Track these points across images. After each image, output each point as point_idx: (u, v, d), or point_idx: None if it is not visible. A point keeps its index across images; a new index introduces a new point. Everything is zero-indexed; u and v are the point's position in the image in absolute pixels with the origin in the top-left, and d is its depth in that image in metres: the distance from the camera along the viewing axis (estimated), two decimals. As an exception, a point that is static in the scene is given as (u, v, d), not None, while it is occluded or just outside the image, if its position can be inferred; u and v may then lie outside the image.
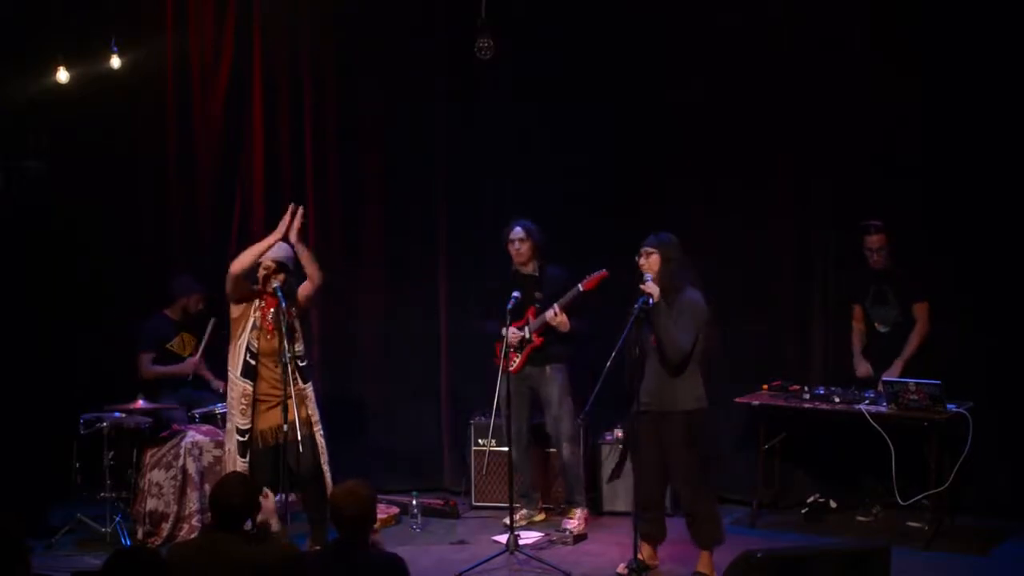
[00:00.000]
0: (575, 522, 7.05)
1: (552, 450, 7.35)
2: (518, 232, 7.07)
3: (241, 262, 6.26)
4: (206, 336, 7.57)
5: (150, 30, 8.07)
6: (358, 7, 8.06)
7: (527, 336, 7.03)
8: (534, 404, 7.22)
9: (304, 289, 6.43)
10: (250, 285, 6.35)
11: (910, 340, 7.09)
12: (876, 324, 7.24)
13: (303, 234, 6.35)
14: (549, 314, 6.87)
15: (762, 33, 7.50)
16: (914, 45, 7.21)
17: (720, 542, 6.14)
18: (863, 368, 7.22)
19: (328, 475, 6.35)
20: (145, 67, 8.04)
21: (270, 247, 6.28)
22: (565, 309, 6.84)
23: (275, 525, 6.27)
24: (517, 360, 7.08)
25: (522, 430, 7.22)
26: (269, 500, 6.33)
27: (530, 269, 7.12)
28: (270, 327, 6.27)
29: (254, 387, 6.29)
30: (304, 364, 6.40)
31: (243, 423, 6.28)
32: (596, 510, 7.37)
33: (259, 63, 8.14)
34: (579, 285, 6.75)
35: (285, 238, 6.38)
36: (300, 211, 6.29)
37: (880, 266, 7.12)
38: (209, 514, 5.78)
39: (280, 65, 8.18)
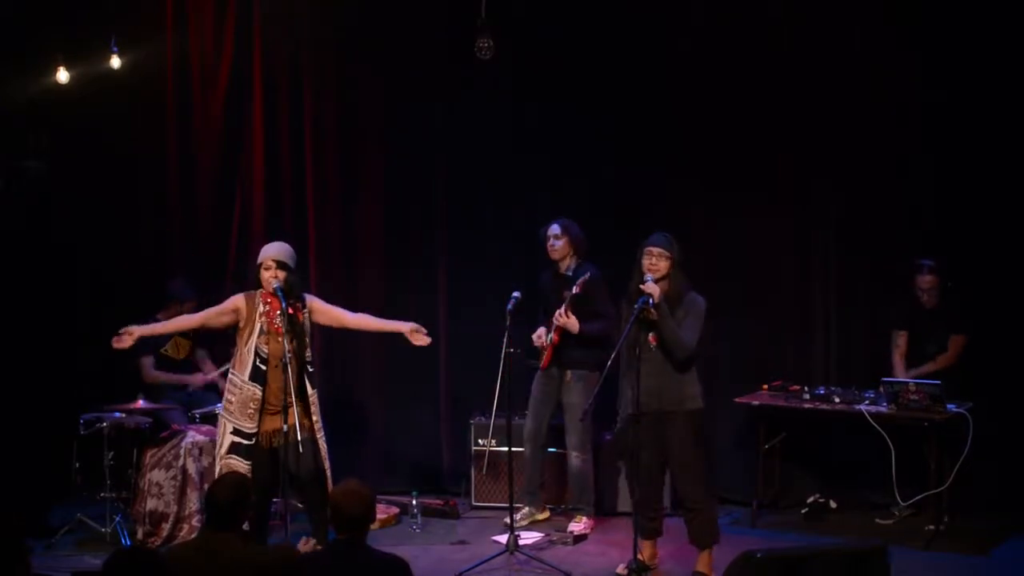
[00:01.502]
0: (580, 527, 7.05)
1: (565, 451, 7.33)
2: (554, 229, 7.07)
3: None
4: (219, 371, 7.55)
5: (150, 30, 8.07)
6: (358, 7, 8.05)
7: (551, 335, 7.04)
8: (558, 405, 7.22)
9: (338, 315, 6.49)
10: (219, 322, 6.43)
11: (931, 362, 7.10)
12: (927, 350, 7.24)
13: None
14: (556, 314, 6.88)
15: (762, 33, 7.50)
16: (914, 45, 7.21)
17: (717, 541, 6.15)
18: None
19: (329, 477, 6.34)
20: (145, 67, 8.04)
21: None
22: (570, 311, 6.84)
23: None
24: (544, 358, 7.11)
25: (541, 428, 7.22)
26: (308, 545, 6.38)
27: (565, 268, 7.12)
28: (278, 330, 6.22)
29: (263, 392, 6.26)
30: (312, 370, 6.39)
31: (249, 427, 6.25)
32: (599, 511, 7.35)
33: (259, 63, 8.13)
34: (573, 287, 6.80)
35: (287, 240, 6.46)
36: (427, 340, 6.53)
37: (931, 306, 7.12)
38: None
39: (280, 65, 8.18)
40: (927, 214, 7.27)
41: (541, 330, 7.07)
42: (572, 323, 6.87)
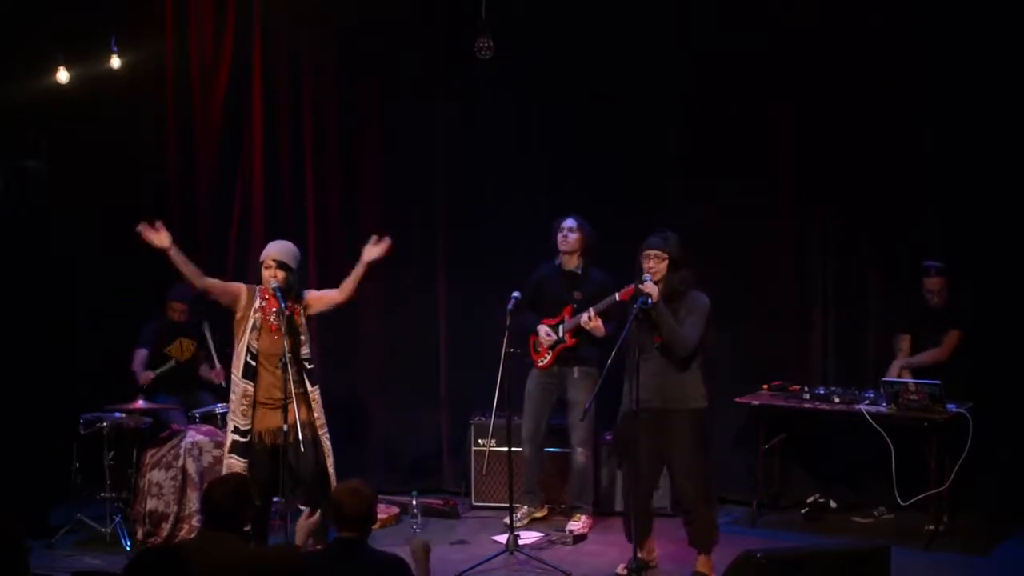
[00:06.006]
0: (579, 525, 7.05)
1: (567, 450, 7.32)
2: (570, 222, 7.05)
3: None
4: (208, 340, 7.54)
5: (150, 30, 8.07)
6: (358, 7, 8.06)
7: (560, 336, 7.02)
8: (558, 403, 7.21)
9: (328, 296, 6.47)
10: (218, 294, 6.35)
11: (924, 355, 7.11)
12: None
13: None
14: (583, 318, 6.78)
15: (764, 32, 7.50)
16: (915, 45, 7.22)
17: (717, 544, 6.14)
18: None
19: (333, 476, 6.32)
20: (145, 67, 8.04)
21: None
22: (600, 315, 6.79)
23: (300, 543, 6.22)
24: (548, 357, 7.08)
25: (540, 427, 7.21)
26: (314, 518, 6.30)
27: (572, 266, 7.09)
28: (272, 327, 6.23)
29: (255, 388, 6.27)
30: (311, 367, 6.39)
31: (243, 423, 6.26)
32: (599, 510, 7.35)
33: (259, 63, 8.14)
34: (616, 294, 6.62)
35: (290, 240, 6.43)
36: (387, 242, 6.42)
37: (939, 307, 7.11)
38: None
39: (280, 65, 8.18)
40: (928, 214, 7.27)
41: (545, 328, 7.04)
42: (599, 326, 6.81)
